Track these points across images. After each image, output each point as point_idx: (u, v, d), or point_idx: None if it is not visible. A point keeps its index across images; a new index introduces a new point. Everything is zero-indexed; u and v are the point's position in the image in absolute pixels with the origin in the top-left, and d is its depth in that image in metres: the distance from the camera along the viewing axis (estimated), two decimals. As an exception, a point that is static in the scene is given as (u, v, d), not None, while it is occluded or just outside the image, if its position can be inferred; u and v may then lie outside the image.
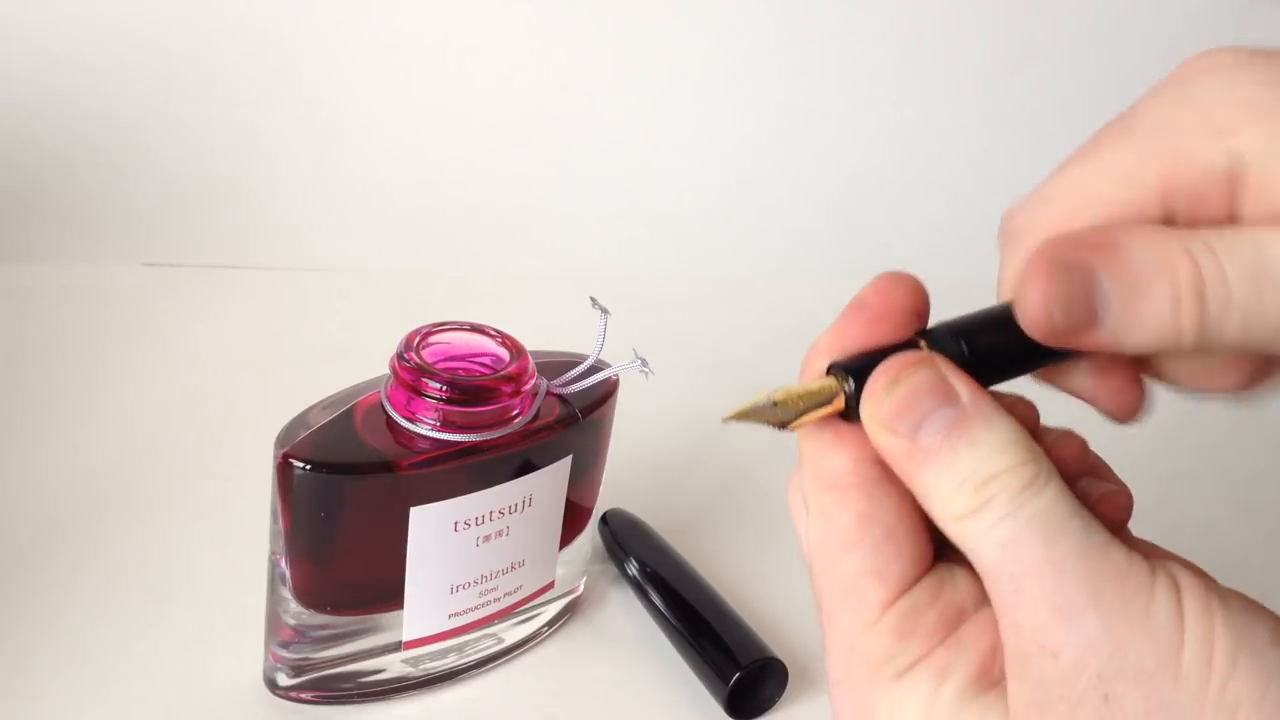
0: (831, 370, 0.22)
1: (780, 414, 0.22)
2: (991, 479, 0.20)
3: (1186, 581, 0.19)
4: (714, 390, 0.56)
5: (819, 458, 0.22)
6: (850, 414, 0.22)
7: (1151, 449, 0.55)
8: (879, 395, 0.21)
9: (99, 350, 0.53)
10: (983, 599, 0.21)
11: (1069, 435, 0.24)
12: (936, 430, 0.20)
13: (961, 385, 0.21)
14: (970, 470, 0.20)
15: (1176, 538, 0.53)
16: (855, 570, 0.22)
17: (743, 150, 0.69)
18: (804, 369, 0.23)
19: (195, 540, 0.41)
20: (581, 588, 0.40)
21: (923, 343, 0.22)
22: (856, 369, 0.21)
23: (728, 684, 0.36)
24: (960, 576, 0.22)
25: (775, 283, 0.70)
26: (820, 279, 0.71)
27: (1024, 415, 0.23)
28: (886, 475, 0.22)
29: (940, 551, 0.22)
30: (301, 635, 0.33)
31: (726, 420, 0.22)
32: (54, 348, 0.53)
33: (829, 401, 0.22)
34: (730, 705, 0.36)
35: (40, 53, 0.58)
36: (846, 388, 0.21)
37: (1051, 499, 0.19)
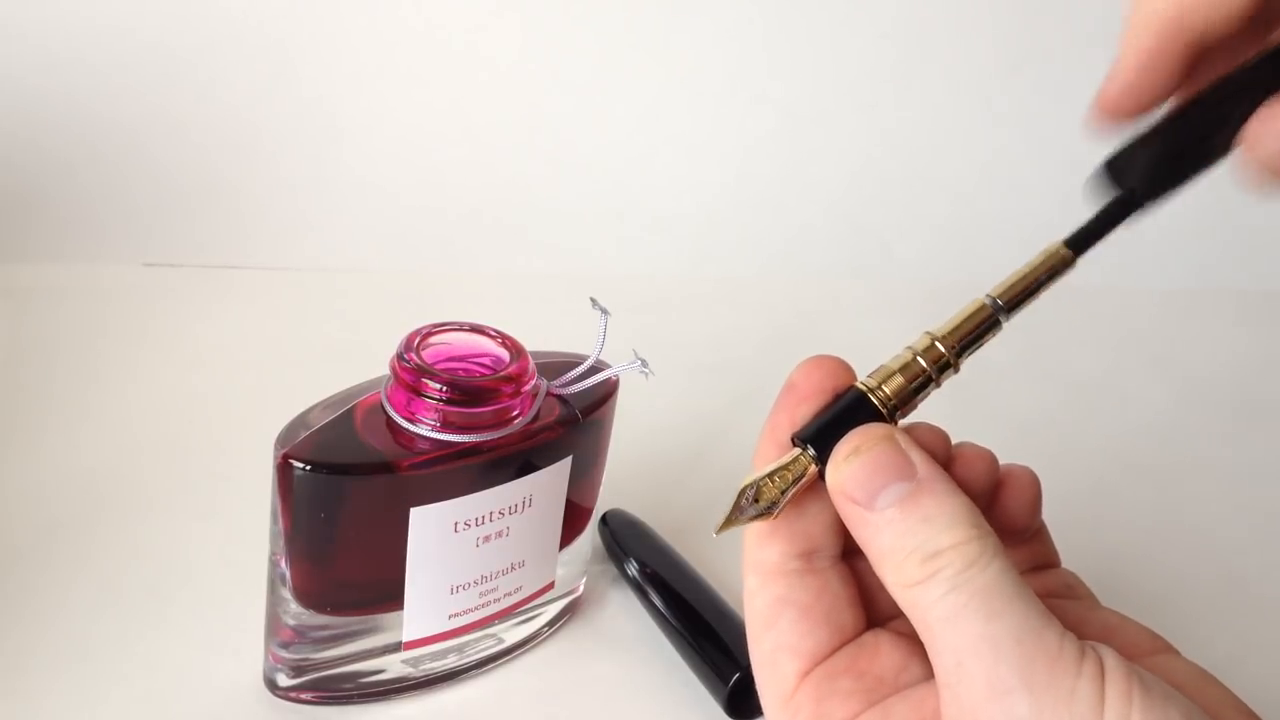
0: (795, 441, 0.24)
1: (763, 507, 0.23)
2: (939, 553, 0.21)
3: (1111, 664, 0.20)
4: (714, 390, 0.56)
5: (753, 546, 0.24)
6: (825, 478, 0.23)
7: (1151, 448, 0.55)
8: (840, 464, 0.22)
9: (99, 350, 0.53)
10: (905, 665, 0.23)
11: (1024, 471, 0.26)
12: (891, 502, 0.22)
13: (919, 459, 0.22)
14: (919, 542, 0.21)
15: (1176, 537, 0.53)
16: (772, 646, 0.24)
17: (742, 150, 0.69)
18: (757, 456, 0.25)
19: (195, 540, 0.41)
20: (581, 588, 0.40)
21: (861, 384, 0.24)
22: (816, 437, 0.23)
23: (727, 684, 0.36)
24: (884, 643, 0.24)
25: (775, 283, 0.70)
26: (820, 279, 0.71)
27: (985, 468, 0.25)
28: (808, 568, 0.24)
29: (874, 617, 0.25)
30: (301, 636, 0.33)
31: (719, 532, 0.24)
32: (54, 348, 0.53)
33: (802, 475, 0.23)
34: (730, 705, 0.36)
35: (40, 53, 0.58)
36: (809, 455, 0.23)
37: (995, 576, 0.21)
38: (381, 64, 0.62)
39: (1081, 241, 0.24)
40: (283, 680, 0.34)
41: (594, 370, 0.35)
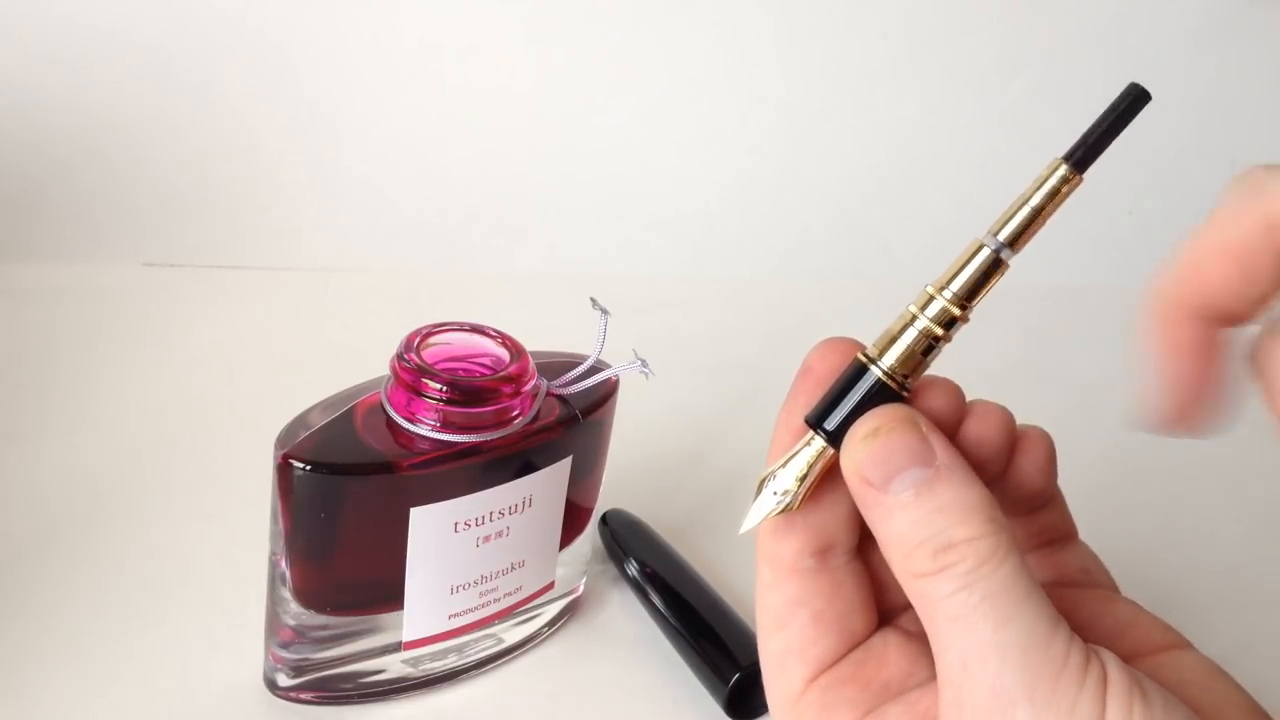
0: (809, 424, 0.23)
1: (781, 499, 0.23)
2: (952, 546, 0.20)
3: (1114, 676, 0.20)
4: (714, 391, 0.56)
5: (767, 539, 0.24)
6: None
7: (1151, 448, 0.55)
8: (857, 443, 0.22)
9: (98, 350, 0.53)
10: (911, 672, 0.23)
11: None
12: (907, 486, 0.21)
13: (939, 445, 0.21)
14: (933, 533, 0.21)
15: (1176, 537, 0.53)
16: (782, 648, 0.23)
17: (743, 150, 0.69)
18: (772, 446, 0.24)
19: (195, 540, 0.41)
20: (581, 588, 0.40)
21: (861, 355, 0.23)
22: (830, 418, 0.23)
23: (727, 684, 0.36)
24: (893, 647, 0.24)
25: (775, 283, 0.70)
26: (820, 280, 0.71)
27: (1001, 425, 0.24)
28: (823, 566, 0.23)
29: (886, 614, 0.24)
30: (301, 636, 0.33)
31: (744, 531, 0.23)
32: (54, 348, 0.53)
33: (818, 460, 0.23)
34: (730, 706, 0.36)
35: (40, 53, 0.58)
36: (821, 436, 0.23)
37: (1007, 576, 0.20)
38: (381, 64, 0.62)
39: (1081, 151, 0.22)
40: (283, 680, 0.34)
41: (594, 370, 0.35)
